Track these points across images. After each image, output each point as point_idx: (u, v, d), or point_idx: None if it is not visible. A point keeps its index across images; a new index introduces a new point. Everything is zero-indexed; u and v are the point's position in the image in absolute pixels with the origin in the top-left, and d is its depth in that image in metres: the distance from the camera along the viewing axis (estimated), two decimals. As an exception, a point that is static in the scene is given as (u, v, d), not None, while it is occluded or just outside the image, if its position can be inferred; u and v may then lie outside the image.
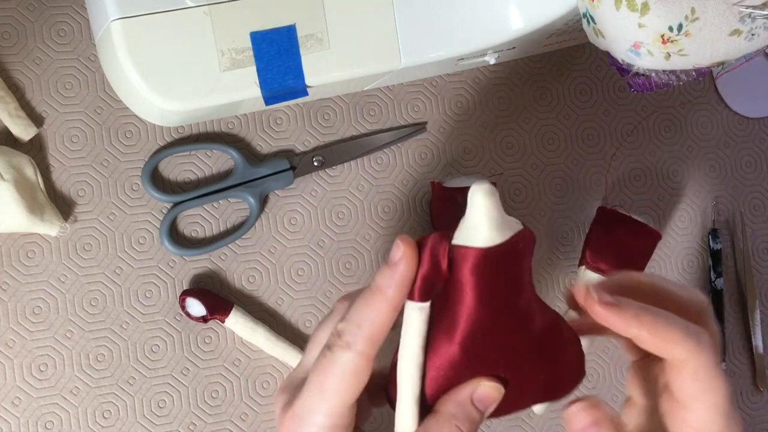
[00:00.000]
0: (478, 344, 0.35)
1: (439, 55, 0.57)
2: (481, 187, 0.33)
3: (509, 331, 0.35)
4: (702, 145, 0.72)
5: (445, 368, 0.35)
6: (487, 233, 0.33)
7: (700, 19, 0.43)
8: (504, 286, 0.34)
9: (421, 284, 0.34)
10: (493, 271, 0.34)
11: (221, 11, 0.52)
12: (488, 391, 0.35)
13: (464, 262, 0.34)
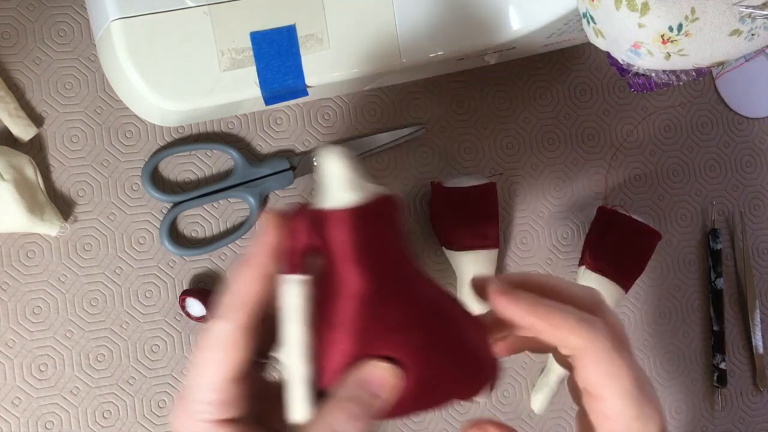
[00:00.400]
0: (365, 318, 0.33)
1: (439, 55, 0.58)
2: (332, 149, 0.33)
3: (395, 301, 0.33)
4: (702, 145, 0.72)
5: (336, 347, 0.33)
6: (346, 194, 0.32)
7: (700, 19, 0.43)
8: (378, 249, 0.33)
9: (293, 255, 0.33)
10: (364, 233, 0.32)
11: (221, 11, 0.52)
12: (382, 372, 0.33)
13: (334, 227, 0.32)
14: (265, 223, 0.34)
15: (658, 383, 0.68)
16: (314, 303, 0.34)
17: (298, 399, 0.33)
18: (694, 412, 0.69)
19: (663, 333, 0.69)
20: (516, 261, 0.66)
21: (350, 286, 0.33)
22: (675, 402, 0.69)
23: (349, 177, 0.33)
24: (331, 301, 0.33)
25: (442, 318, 0.34)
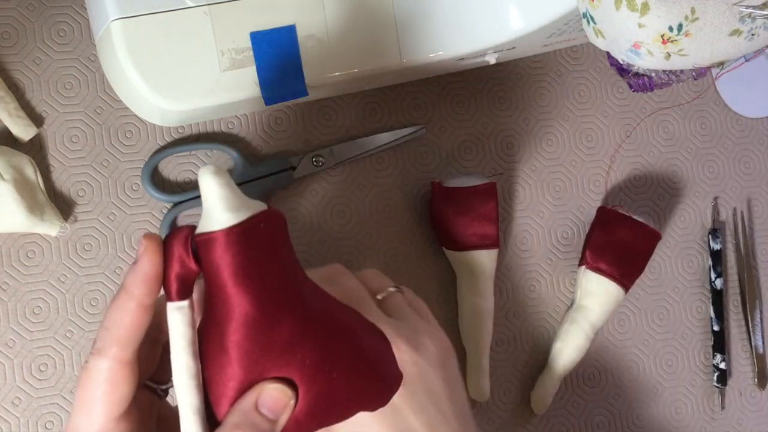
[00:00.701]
0: (250, 340, 0.32)
1: (439, 55, 0.57)
2: (206, 169, 0.31)
3: (281, 319, 0.32)
4: (702, 145, 0.72)
5: (226, 373, 0.32)
6: (223, 216, 0.31)
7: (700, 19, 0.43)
8: (258, 268, 0.32)
9: (172, 282, 0.32)
10: (241, 253, 0.31)
11: (221, 11, 0.52)
12: (273, 393, 0.32)
13: (209, 250, 0.31)
14: (140, 249, 0.32)
15: (658, 383, 0.68)
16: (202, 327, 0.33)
17: (189, 427, 0.32)
18: (694, 412, 0.69)
19: (663, 333, 0.69)
20: (516, 261, 0.66)
21: (233, 309, 0.31)
22: (675, 402, 0.69)
23: (224, 196, 0.32)
24: (218, 325, 0.32)
25: (335, 332, 0.33)
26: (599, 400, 0.67)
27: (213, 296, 0.32)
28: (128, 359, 0.32)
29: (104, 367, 0.32)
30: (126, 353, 0.32)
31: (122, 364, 0.32)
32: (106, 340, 0.32)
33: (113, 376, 0.32)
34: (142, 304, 0.32)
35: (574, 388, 0.66)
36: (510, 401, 0.65)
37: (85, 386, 0.33)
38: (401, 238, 0.63)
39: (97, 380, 0.32)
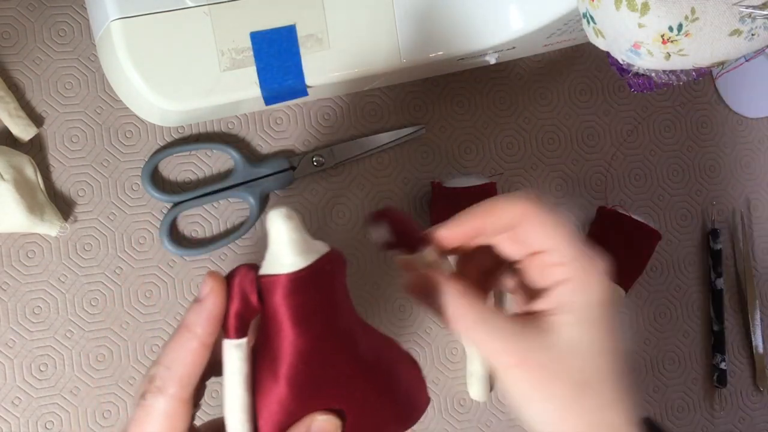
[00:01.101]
0: (304, 376, 0.33)
1: (439, 55, 0.58)
2: (278, 212, 0.33)
3: (334, 358, 0.34)
4: (702, 145, 0.72)
5: (276, 407, 0.33)
6: (289, 259, 0.33)
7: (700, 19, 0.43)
8: (318, 311, 0.33)
9: (233, 320, 0.33)
10: (304, 297, 0.33)
11: (221, 11, 0.52)
12: (323, 425, 0.34)
13: (273, 292, 0.32)
14: (206, 289, 0.33)
15: (659, 383, 0.68)
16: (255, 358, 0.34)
17: None
18: (694, 412, 0.69)
19: (663, 333, 0.69)
20: (516, 261, 0.66)
21: (290, 346, 0.33)
22: (675, 402, 0.69)
23: (294, 240, 0.33)
24: (274, 359, 0.33)
25: (379, 369, 0.35)
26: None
27: (270, 332, 0.33)
28: (187, 397, 0.33)
29: (164, 405, 0.32)
30: (186, 392, 0.33)
31: (181, 402, 0.33)
32: (166, 379, 0.33)
33: (173, 414, 0.33)
34: (205, 343, 0.33)
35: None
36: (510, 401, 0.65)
37: (143, 424, 0.33)
38: (401, 238, 0.63)
39: (157, 418, 0.33)
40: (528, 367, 0.36)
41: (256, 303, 0.33)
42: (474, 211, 0.38)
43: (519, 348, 0.36)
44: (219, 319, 0.33)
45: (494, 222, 0.38)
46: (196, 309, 0.33)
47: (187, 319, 0.33)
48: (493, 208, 0.38)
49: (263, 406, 0.33)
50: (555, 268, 0.37)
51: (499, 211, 0.37)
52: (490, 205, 0.38)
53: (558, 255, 0.37)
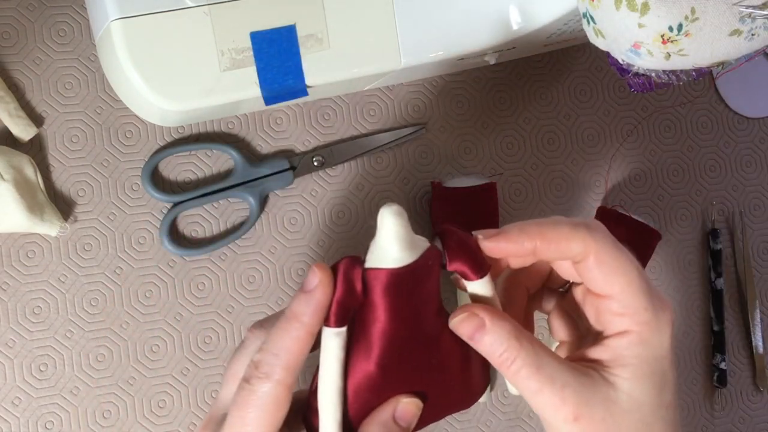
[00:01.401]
0: (394, 362, 0.35)
1: (439, 55, 0.58)
2: (389, 209, 0.34)
3: (423, 347, 0.36)
4: (702, 145, 0.72)
5: (365, 389, 0.35)
6: (397, 254, 0.34)
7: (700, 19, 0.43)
8: (415, 304, 0.35)
9: (337, 310, 0.34)
10: (404, 290, 0.34)
11: (221, 11, 0.52)
12: (408, 407, 0.36)
13: (376, 284, 0.34)
14: (314, 280, 0.34)
15: (658, 383, 0.68)
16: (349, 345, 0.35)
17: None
18: (694, 412, 0.69)
19: (663, 333, 0.69)
20: (516, 261, 0.66)
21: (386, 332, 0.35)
22: (675, 402, 0.69)
23: (402, 237, 0.34)
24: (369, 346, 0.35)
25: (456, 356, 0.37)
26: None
27: (366, 319, 0.35)
28: (291, 383, 0.34)
29: (270, 390, 0.34)
30: (291, 378, 0.34)
31: (286, 388, 0.34)
32: (274, 366, 0.34)
33: (277, 398, 0.34)
34: (311, 332, 0.34)
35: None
36: (510, 401, 0.65)
37: (247, 406, 0.34)
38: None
39: (262, 402, 0.34)
40: (588, 422, 0.35)
41: (360, 294, 0.34)
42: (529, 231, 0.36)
43: (579, 401, 0.35)
44: (326, 309, 0.34)
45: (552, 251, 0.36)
46: (304, 299, 0.34)
47: (294, 309, 0.34)
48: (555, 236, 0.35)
49: (354, 385, 0.35)
50: (616, 317, 0.35)
51: (562, 241, 0.35)
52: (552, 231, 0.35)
53: (620, 305, 0.35)
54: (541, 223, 0.36)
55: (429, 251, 0.35)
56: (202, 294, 0.59)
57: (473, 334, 0.36)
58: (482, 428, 0.64)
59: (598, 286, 0.36)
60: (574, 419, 0.35)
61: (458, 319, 0.36)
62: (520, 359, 0.35)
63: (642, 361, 0.35)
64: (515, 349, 0.35)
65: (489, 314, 0.36)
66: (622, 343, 0.35)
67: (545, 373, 0.35)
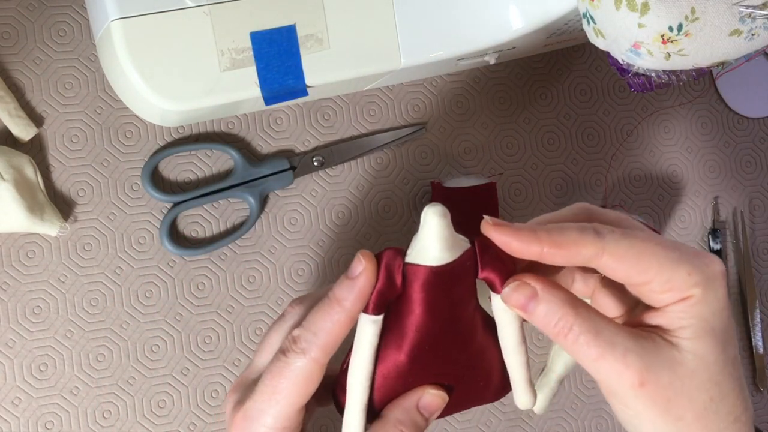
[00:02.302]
0: (424, 354, 0.36)
1: (439, 55, 0.57)
2: (434, 209, 0.35)
3: (454, 344, 0.37)
4: (702, 145, 0.72)
5: (393, 376, 0.37)
6: (437, 253, 0.35)
7: (700, 19, 0.43)
8: (451, 301, 0.36)
9: (376, 299, 0.35)
10: (442, 288, 0.35)
11: (221, 11, 0.52)
12: (433, 399, 0.37)
13: (415, 279, 0.35)
14: (359, 267, 0.35)
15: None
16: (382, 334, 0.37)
17: (353, 420, 0.37)
18: (694, 412, 0.69)
19: (663, 333, 0.69)
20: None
21: (420, 326, 0.36)
22: (675, 402, 0.69)
23: (444, 237, 0.35)
24: (402, 336, 0.36)
25: (484, 359, 0.38)
26: (599, 400, 0.67)
27: (402, 311, 0.36)
28: (325, 363, 0.36)
29: (304, 365, 0.35)
30: (325, 358, 0.35)
31: (319, 366, 0.35)
32: (312, 343, 0.35)
33: (309, 374, 0.35)
34: (351, 317, 0.35)
35: (574, 389, 0.66)
36: (510, 401, 0.65)
37: (281, 376, 0.35)
38: (401, 238, 0.63)
39: (295, 375, 0.35)
40: (655, 386, 0.34)
41: (400, 286, 0.35)
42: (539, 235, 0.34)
43: (643, 366, 0.33)
44: (367, 296, 0.35)
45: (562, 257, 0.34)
46: (347, 285, 0.35)
47: (338, 293, 0.35)
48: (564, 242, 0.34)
49: (382, 372, 0.37)
50: (662, 294, 0.34)
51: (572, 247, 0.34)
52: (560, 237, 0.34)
53: (661, 285, 0.34)
54: (550, 230, 0.35)
55: (468, 252, 0.36)
56: (202, 294, 0.59)
57: (526, 304, 0.35)
58: (482, 428, 0.64)
59: (630, 280, 0.35)
60: (640, 385, 0.33)
61: (509, 288, 0.35)
62: (577, 326, 0.34)
63: (702, 320, 0.34)
64: (571, 316, 0.34)
65: (540, 282, 0.35)
66: (678, 308, 0.34)
67: (605, 339, 0.34)
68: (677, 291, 0.34)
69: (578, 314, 0.34)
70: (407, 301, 0.36)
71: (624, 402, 0.34)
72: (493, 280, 0.36)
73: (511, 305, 0.35)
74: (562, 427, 0.66)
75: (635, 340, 0.34)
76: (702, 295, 0.34)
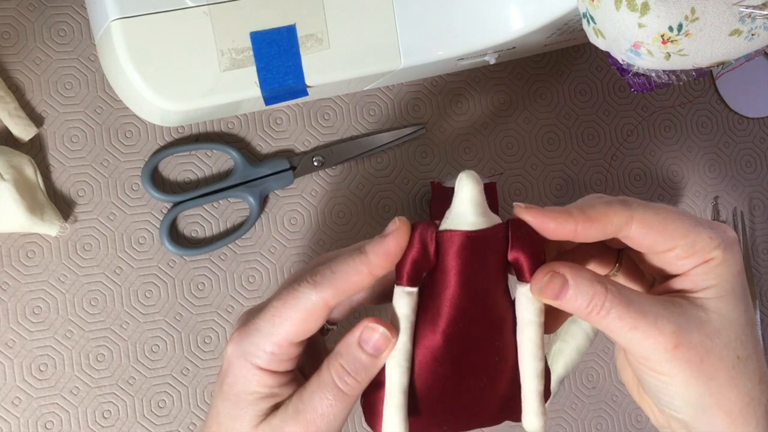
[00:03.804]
0: (461, 331, 0.35)
1: (439, 55, 0.57)
2: (469, 175, 0.35)
3: (488, 327, 0.36)
4: (702, 145, 0.72)
5: (432, 355, 0.36)
6: (473, 218, 0.35)
7: (700, 19, 0.43)
8: (485, 276, 0.35)
9: (410, 268, 0.35)
10: (476, 257, 0.35)
11: (221, 11, 0.52)
12: (371, 333, 0.36)
13: (450, 246, 0.35)
14: (392, 227, 0.35)
15: (658, 383, 0.68)
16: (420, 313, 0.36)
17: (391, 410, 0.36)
18: (694, 412, 0.69)
19: (663, 333, 0.69)
20: (516, 261, 0.66)
21: (454, 300, 0.35)
22: (675, 402, 0.69)
23: (479, 203, 0.35)
24: (435, 313, 0.36)
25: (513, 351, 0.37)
26: (599, 400, 0.67)
27: (437, 286, 0.35)
28: (332, 305, 0.36)
29: (312, 299, 0.35)
30: (334, 300, 0.35)
31: (326, 307, 0.35)
32: (327, 280, 0.35)
33: (313, 310, 0.35)
34: (373, 273, 0.35)
35: (574, 389, 0.66)
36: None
37: (286, 303, 0.36)
38: (401, 238, 0.63)
39: (301, 305, 0.35)
40: (687, 347, 0.35)
41: (433, 255, 0.35)
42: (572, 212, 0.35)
43: (675, 329, 0.34)
44: (394, 257, 0.35)
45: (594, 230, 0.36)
46: (377, 240, 0.35)
47: (366, 246, 0.35)
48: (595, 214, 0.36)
49: (419, 358, 0.36)
50: (686, 259, 0.36)
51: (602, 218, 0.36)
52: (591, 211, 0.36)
53: (685, 250, 0.36)
54: (580, 206, 0.36)
55: (501, 226, 0.36)
56: (202, 294, 0.59)
57: (559, 294, 0.35)
58: (482, 428, 0.64)
59: (657, 247, 0.36)
60: (674, 347, 0.34)
61: (543, 283, 0.35)
62: (608, 302, 0.35)
63: (724, 280, 0.35)
64: (601, 294, 0.35)
65: (567, 268, 0.35)
66: (701, 270, 0.36)
67: (636, 309, 0.35)
68: (700, 254, 0.36)
69: (608, 290, 0.35)
70: (442, 273, 0.35)
71: (658, 368, 0.35)
72: (522, 262, 0.36)
73: (544, 297, 0.36)
74: (562, 427, 0.66)
75: (664, 306, 0.35)
76: (722, 257, 0.35)
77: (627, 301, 0.35)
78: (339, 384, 0.36)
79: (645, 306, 0.35)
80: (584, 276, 0.35)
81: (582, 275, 0.35)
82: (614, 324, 0.35)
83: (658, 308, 0.35)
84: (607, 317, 0.35)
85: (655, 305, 0.35)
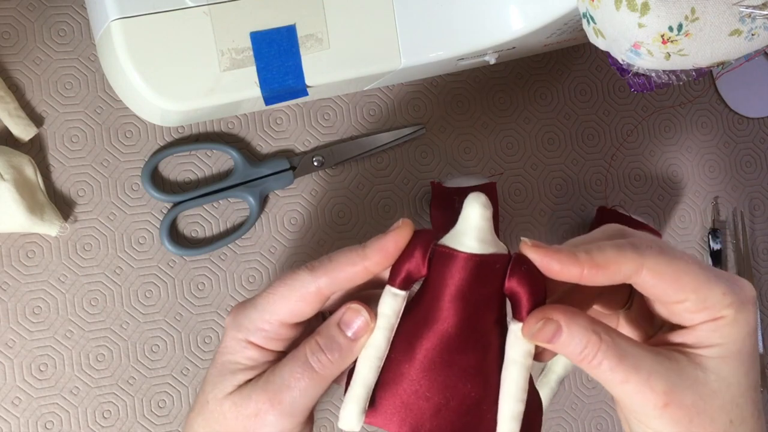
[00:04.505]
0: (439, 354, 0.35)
1: (439, 55, 0.57)
2: (477, 199, 0.35)
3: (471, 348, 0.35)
4: (702, 145, 0.72)
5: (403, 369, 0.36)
6: (472, 243, 0.35)
7: (700, 19, 0.43)
8: (476, 301, 0.35)
9: (401, 271, 0.35)
10: (469, 280, 0.35)
11: (221, 11, 0.52)
12: (352, 315, 0.36)
13: (444, 264, 0.35)
14: (396, 228, 0.35)
15: (658, 383, 0.68)
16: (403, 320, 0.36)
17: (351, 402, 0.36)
18: (694, 412, 0.69)
19: (663, 333, 0.69)
20: (516, 261, 0.66)
21: (437, 321, 0.35)
22: (675, 402, 0.69)
23: (481, 228, 0.35)
24: (418, 329, 0.36)
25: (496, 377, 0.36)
26: (599, 400, 0.67)
27: (424, 302, 0.36)
28: (327, 294, 0.36)
29: (306, 281, 0.36)
30: (329, 290, 0.36)
31: (320, 293, 0.36)
32: (325, 269, 0.36)
33: (308, 295, 0.36)
34: (367, 268, 0.36)
35: (574, 389, 0.66)
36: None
37: (284, 283, 0.37)
38: (401, 238, 0.63)
39: (294, 284, 0.36)
40: (678, 407, 0.34)
41: (425, 265, 0.35)
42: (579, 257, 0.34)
43: (667, 388, 0.34)
44: (390, 255, 0.36)
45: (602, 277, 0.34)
46: (378, 238, 0.36)
47: (369, 242, 0.36)
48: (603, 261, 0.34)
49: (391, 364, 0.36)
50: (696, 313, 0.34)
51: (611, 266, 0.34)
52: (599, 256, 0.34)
53: (696, 304, 0.34)
54: (589, 250, 0.34)
55: (503, 257, 0.35)
56: (202, 294, 0.59)
57: (552, 339, 0.34)
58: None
59: (666, 298, 0.35)
60: (664, 406, 0.34)
61: (536, 328, 0.34)
62: (601, 353, 0.34)
63: (731, 340, 0.34)
64: (595, 343, 0.34)
65: (562, 314, 0.34)
66: (709, 327, 0.34)
67: (629, 363, 0.34)
68: (711, 310, 0.34)
69: (602, 340, 0.34)
70: (432, 290, 0.35)
71: (646, 422, 0.35)
72: (518, 298, 0.35)
73: (536, 341, 0.35)
74: (562, 427, 0.66)
75: (659, 362, 0.34)
76: (734, 317, 0.34)
77: (621, 353, 0.34)
78: (310, 359, 0.36)
79: (639, 360, 0.34)
80: (579, 323, 0.34)
81: (577, 322, 0.34)
82: (605, 375, 0.34)
83: (652, 363, 0.34)
84: (599, 367, 0.34)
85: (649, 360, 0.34)
